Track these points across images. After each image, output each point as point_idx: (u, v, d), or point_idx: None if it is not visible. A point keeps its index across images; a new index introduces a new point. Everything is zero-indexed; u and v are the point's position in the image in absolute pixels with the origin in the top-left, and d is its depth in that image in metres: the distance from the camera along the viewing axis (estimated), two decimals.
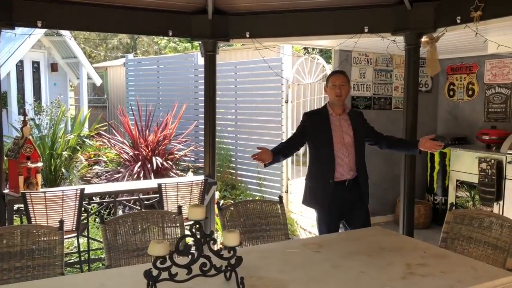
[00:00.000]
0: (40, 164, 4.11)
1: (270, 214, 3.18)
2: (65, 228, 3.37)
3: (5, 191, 3.99)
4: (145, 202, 4.71)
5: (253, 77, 7.30)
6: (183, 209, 3.04)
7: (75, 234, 4.03)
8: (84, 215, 4.36)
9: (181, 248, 1.85)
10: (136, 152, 6.67)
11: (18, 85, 9.76)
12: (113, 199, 4.66)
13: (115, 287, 2.07)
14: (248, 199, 6.50)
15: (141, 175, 6.25)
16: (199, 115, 7.94)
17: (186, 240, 2.01)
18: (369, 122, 3.59)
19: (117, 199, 4.72)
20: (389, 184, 6.00)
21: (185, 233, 2.76)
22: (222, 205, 3.08)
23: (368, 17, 4.16)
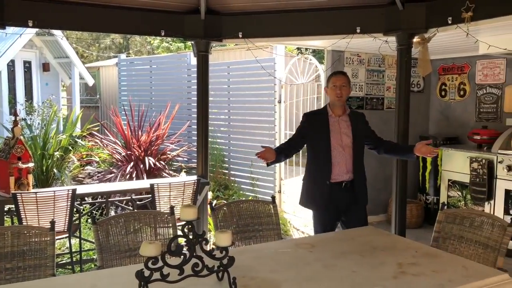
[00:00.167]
0: (31, 165, 4.08)
1: (262, 214, 3.18)
2: (57, 229, 3.36)
3: None
4: (137, 202, 4.69)
5: (246, 77, 7.31)
6: (176, 209, 3.04)
7: (66, 235, 4.01)
8: (76, 215, 4.34)
9: (173, 248, 1.84)
10: (129, 152, 6.65)
11: (9, 85, 9.69)
12: (105, 199, 4.64)
13: (106, 287, 2.07)
14: (241, 199, 6.50)
15: (134, 175, 6.23)
16: (192, 115, 7.93)
17: (179, 240, 2.01)
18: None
19: (109, 199, 4.70)
20: (381, 184, 6.02)
21: (177, 234, 2.76)
22: (215, 205, 3.07)
23: (360, 18, 4.17)
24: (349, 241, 2.77)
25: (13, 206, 3.83)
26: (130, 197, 4.86)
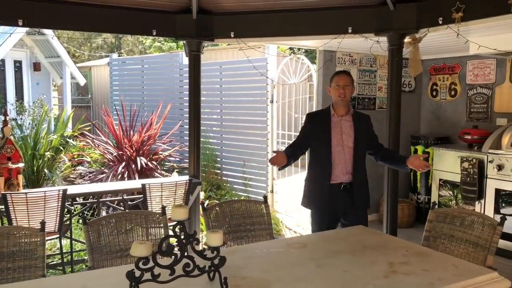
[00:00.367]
0: (21, 165, 4.05)
1: (254, 214, 3.18)
2: (47, 230, 3.34)
3: None
4: (129, 202, 4.67)
5: (238, 77, 7.30)
6: (167, 209, 3.03)
7: (57, 236, 3.98)
8: (67, 216, 4.31)
9: (164, 248, 1.84)
10: (120, 152, 6.62)
11: None
12: (96, 200, 4.61)
13: None
14: (233, 199, 6.49)
15: (126, 175, 6.20)
16: (184, 115, 7.90)
17: (171, 240, 2.00)
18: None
19: (100, 199, 4.67)
20: (373, 184, 5.96)
21: (169, 234, 2.75)
22: (207, 205, 3.06)
23: (351, 18, 4.18)
24: (340, 240, 2.78)
25: (2, 206, 3.80)
26: (121, 197, 4.84)
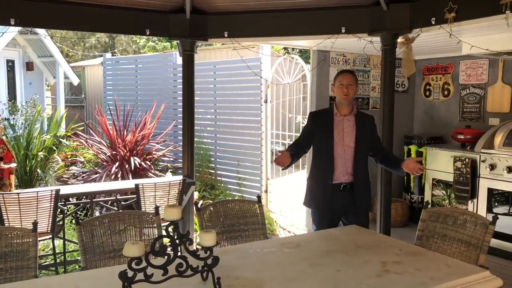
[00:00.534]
0: (13, 165, 4.02)
1: (248, 213, 3.18)
2: (40, 230, 3.31)
3: None
4: (122, 203, 4.65)
5: (232, 76, 7.30)
6: (161, 209, 3.02)
7: (50, 236, 3.96)
8: (60, 216, 4.29)
9: (156, 249, 1.83)
10: (114, 152, 6.59)
11: None
12: (90, 200, 4.59)
13: None
14: (227, 199, 6.49)
15: (119, 175, 6.18)
16: (178, 114, 7.89)
17: (164, 240, 2.00)
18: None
19: (94, 200, 4.65)
20: None
21: (162, 234, 2.74)
22: (201, 205, 3.06)
23: (345, 18, 4.19)
24: (334, 240, 2.79)
25: None
26: (115, 198, 4.83)
